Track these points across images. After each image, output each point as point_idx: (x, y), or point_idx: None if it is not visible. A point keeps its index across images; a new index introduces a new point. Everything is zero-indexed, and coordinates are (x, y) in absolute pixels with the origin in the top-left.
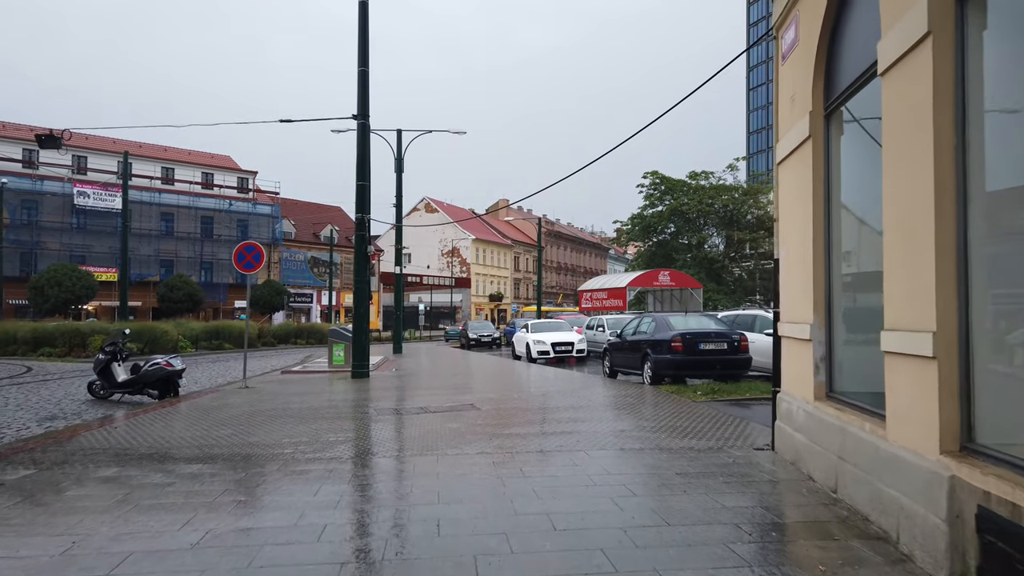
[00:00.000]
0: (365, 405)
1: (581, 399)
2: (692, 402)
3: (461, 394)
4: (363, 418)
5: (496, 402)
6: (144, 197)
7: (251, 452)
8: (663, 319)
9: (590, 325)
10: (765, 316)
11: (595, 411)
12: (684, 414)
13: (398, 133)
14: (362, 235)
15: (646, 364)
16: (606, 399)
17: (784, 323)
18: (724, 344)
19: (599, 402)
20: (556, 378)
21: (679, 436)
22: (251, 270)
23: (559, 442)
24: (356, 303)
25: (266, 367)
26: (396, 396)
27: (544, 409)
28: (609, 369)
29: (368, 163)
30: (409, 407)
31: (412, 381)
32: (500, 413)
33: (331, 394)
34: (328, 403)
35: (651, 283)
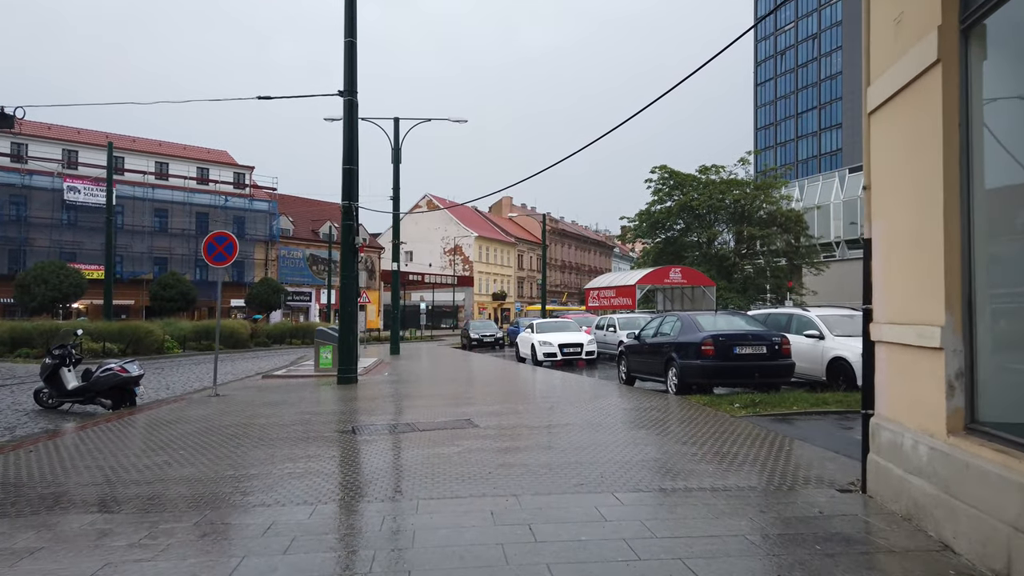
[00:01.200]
0: (343, 420)
1: (597, 413)
2: (731, 417)
3: (458, 405)
4: (335, 440)
5: (498, 417)
6: (137, 192)
7: (173, 494)
8: (690, 319)
9: (600, 325)
10: (802, 315)
11: (617, 430)
12: (726, 434)
13: (395, 122)
14: (349, 224)
15: (670, 370)
16: (627, 413)
17: (883, 324)
18: (763, 348)
19: (619, 417)
20: (565, 385)
21: (731, 467)
22: (222, 262)
23: (578, 477)
24: (343, 301)
25: (250, 370)
26: (382, 408)
27: (555, 427)
28: (625, 375)
29: (356, 145)
30: (395, 423)
31: (404, 388)
32: (503, 433)
33: (308, 405)
34: (300, 417)
35: (662, 280)
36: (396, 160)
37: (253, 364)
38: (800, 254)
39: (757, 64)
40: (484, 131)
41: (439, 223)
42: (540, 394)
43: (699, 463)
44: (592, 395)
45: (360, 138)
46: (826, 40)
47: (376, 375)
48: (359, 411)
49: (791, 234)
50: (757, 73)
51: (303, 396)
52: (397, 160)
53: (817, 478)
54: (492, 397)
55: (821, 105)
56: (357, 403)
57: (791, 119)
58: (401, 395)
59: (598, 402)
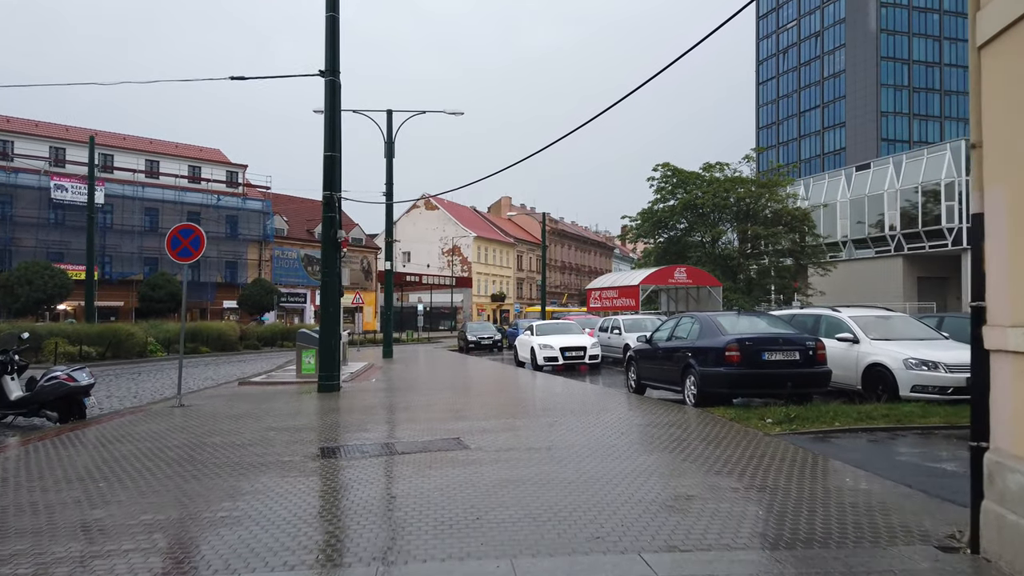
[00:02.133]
0: (311, 440)
1: (607, 430)
2: (764, 436)
3: (447, 420)
4: (293, 468)
5: (492, 435)
6: (126, 191)
7: (48, 556)
8: (710, 320)
9: (603, 327)
10: (832, 316)
11: (633, 454)
12: (765, 459)
13: (388, 114)
14: (331, 217)
15: (688, 379)
16: (641, 431)
17: (1007, 328)
18: (795, 353)
19: (633, 436)
20: (568, 394)
21: (786, 511)
22: (188, 258)
23: (592, 526)
24: (324, 301)
25: (231, 375)
26: (360, 423)
27: (559, 450)
28: (635, 383)
29: (339, 130)
30: (370, 443)
31: (390, 397)
32: (497, 458)
33: (276, 418)
34: (263, 436)
35: (666, 280)
36: (389, 154)
37: (237, 368)
38: (806, 254)
39: (759, 63)
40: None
41: (437, 223)
42: (540, 405)
43: (743, 503)
44: (599, 407)
45: (356, 134)
46: (828, 38)
47: (363, 381)
48: (333, 427)
49: (797, 233)
50: (758, 72)
51: (275, 407)
52: (390, 154)
53: (903, 528)
54: (487, 409)
55: (824, 104)
56: (333, 416)
57: (793, 118)
58: (385, 406)
59: (606, 416)
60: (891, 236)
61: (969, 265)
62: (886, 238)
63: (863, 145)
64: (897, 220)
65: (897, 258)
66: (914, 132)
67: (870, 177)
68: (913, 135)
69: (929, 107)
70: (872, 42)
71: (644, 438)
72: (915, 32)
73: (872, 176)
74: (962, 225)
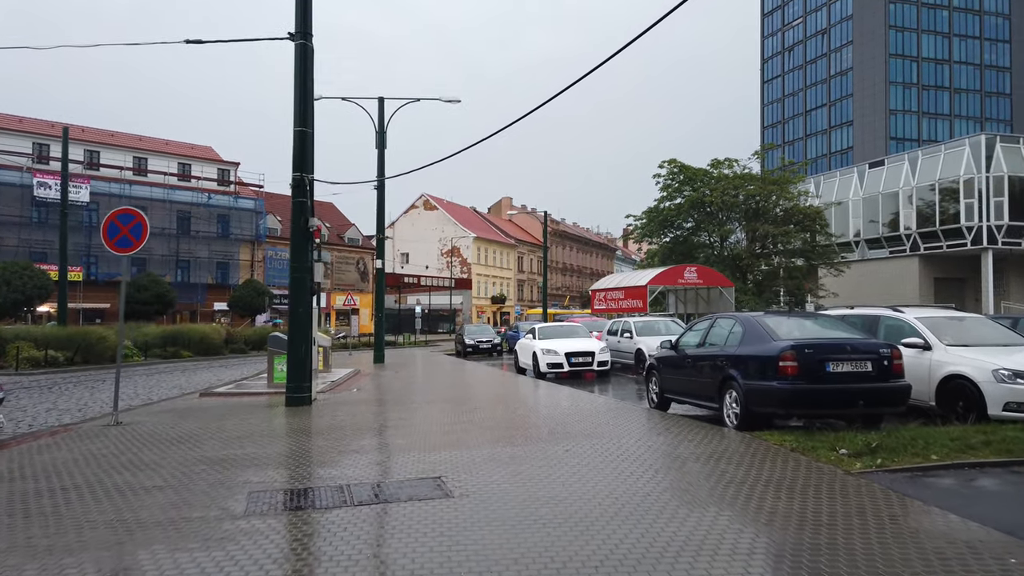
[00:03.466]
0: (243, 480)
1: (637, 466)
2: (845, 475)
3: (430, 447)
4: (197, 535)
5: (486, 472)
6: (113, 188)
7: None
8: (756, 322)
9: (612, 330)
10: (894, 318)
11: (681, 510)
12: (867, 516)
13: (379, 102)
14: (301, 202)
15: (728, 394)
16: (682, 469)
17: None
18: (867, 363)
19: (673, 477)
20: (578, 409)
21: None
22: (128, 249)
23: None
24: (293, 300)
25: (201, 383)
26: (319, 452)
27: (577, 502)
28: (657, 397)
29: (311, 102)
30: (321, 487)
31: (367, 415)
32: (490, 516)
33: (219, 444)
34: (187, 472)
35: (675, 280)
36: (381, 144)
37: (214, 375)
38: (818, 253)
39: (764, 61)
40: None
41: (436, 224)
42: (545, 426)
43: None
44: (617, 429)
45: (351, 130)
46: (835, 35)
47: (342, 392)
48: (281, 459)
49: (808, 232)
50: (763, 70)
51: (226, 427)
52: (382, 144)
53: None
54: (481, 431)
55: (831, 102)
56: (290, 442)
57: (799, 116)
58: (358, 426)
59: (628, 443)
60: (906, 235)
61: (991, 265)
62: (901, 237)
63: (871, 144)
64: (913, 219)
65: (913, 258)
66: (923, 131)
67: (884, 174)
68: (922, 134)
69: (938, 105)
70: (880, 39)
71: (686, 481)
72: (924, 29)
73: (886, 173)
74: (982, 224)
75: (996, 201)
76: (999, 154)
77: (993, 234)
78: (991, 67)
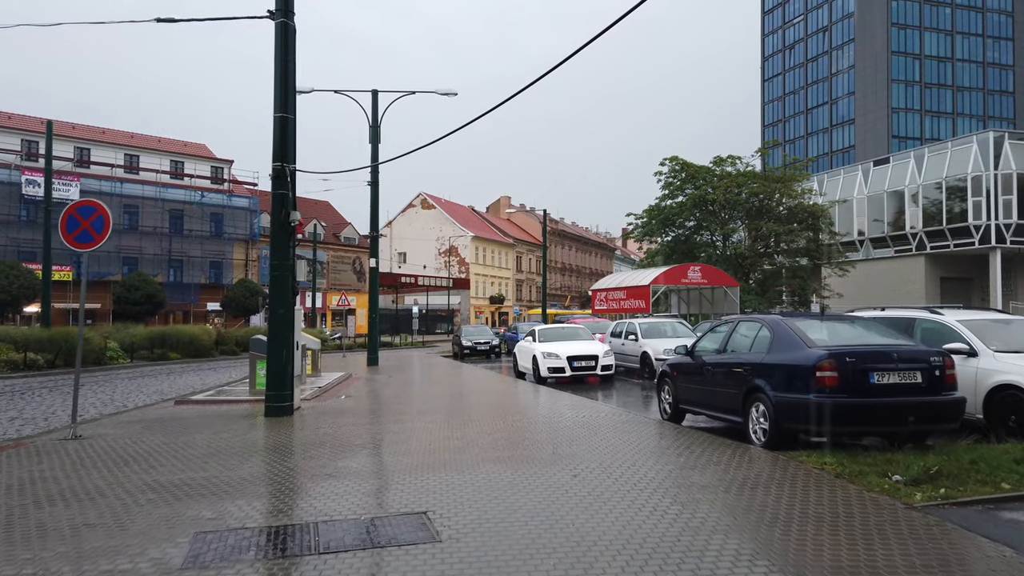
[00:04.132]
0: (197, 513)
1: (656, 496)
2: (905, 509)
3: (417, 469)
4: None
5: (480, 506)
6: (103, 187)
7: None
8: (786, 326)
9: (616, 332)
10: (932, 320)
11: (713, 553)
12: (952, 571)
13: (373, 94)
14: (282, 195)
15: (754, 407)
16: (711, 500)
17: None
18: (916, 374)
19: (702, 512)
20: (584, 422)
21: None
22: (89, 244)
23: None
24: (273, 300)
25: (181, 388)
26: (289, 475)
27: (589, 548)
28: (671, 407)
29: (292, 86)
30: (285, 527)
31: (351, 426)
32: (481, 571)
33: (180, 465)
34: (130, 504)
35: (679, 280)
36: (374, 139)
37: (199, 378)
38: (822, 252)
39: (764, 59)
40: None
41: (434, 223)
42: (549, 443)
43: None
44: (630, 447)
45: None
46: (837, 33)
47: (329, 399)
48: (246, 484)
49: (812, 231)
50: (764, 68)
51: (194, 442)
52: (375, 139)
53: None
54: (475, 449)
55: (832, 101)
56: (260, 461)
57: (800, 115)
58: (338, 442)
59: (646, 466)
60: (912, 234)
61: (999, 264)
62: (907, 236)
63: (873, 143)
64: (919, 217)
65: (919, 257)
66: (926, 129)
67: (889, 172)
68: (924, 132)
69: (941, 103)
70: (882, 36)
71: (721, 519)
72: (926, 26)
73: (891, 171)
74: (990, 222)
75: (1004, 199)
76: (1007, 151)
77: (1001, 233)
78: (994, 65)
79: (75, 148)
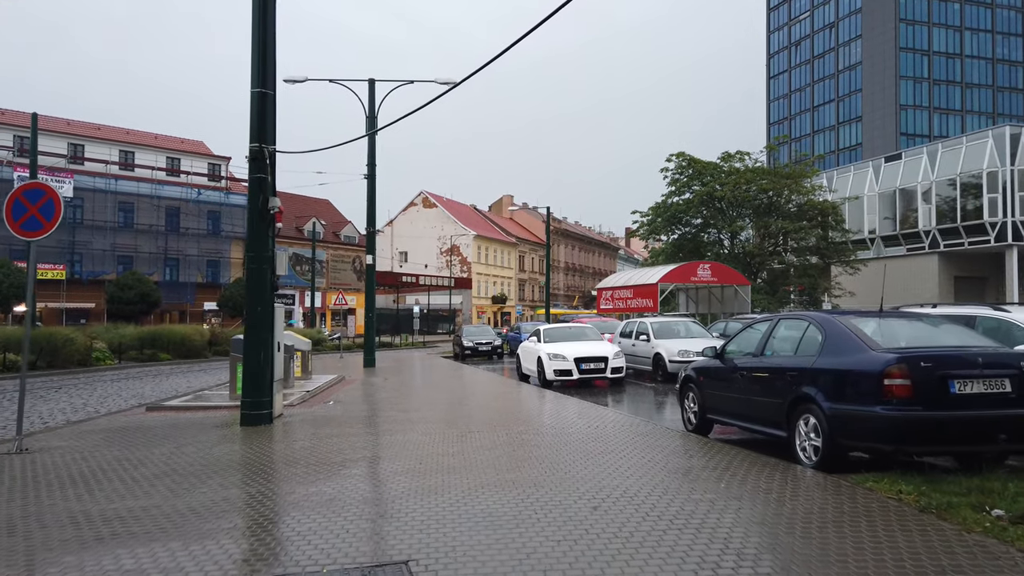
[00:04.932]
0: (125, 562)
1: (700, 539)
2: (1017, 555)
3: (401, 498)
4: None
5: (478, 551)
6: (98, 184)
7: None
8: (841, 325)
9: (626, 332)
10: (997, 319)
11: None
12: None
13: (370, 84)
14: (260, 179)
15: (804, 420)
16: (769, 547)
17: None
18: (1005, 381)
19: (767, 570)
20: (598, 435)
21: None
22: (37, 232)
23: None
24: (250, 297)
25: (164, 391)
26: (256, 502)
27: None
28: (696, 416)
29: (272, 56)
30: None
31: (337, 440)
32: None
33: (124, 491)
34: (40, 545)
35: (688, 278)
36: (371, 129)
37: (184, 382)
38: (833, 250)
39: (770, 56)
40: (483, 134)
41: (435, 221)
42: (560, 461)
43: None
44: (656, 467)
45: (346, 123)
46: (844, 29)
47: (315, 406)
48: (192, 517)
49: (821, 228)
50: (769, 66)
51: (148, 460)
52: (372, 129)
53: None
54: (473, 471)
55: (839, 98)
56: (218, 485)
57: (806, 113)
58: (316, 460)
59: (680, 494)
60: (925, 232)
61: (1015, 262)
62: (919, 234)
63: (881, 140)
64: (932, 214)
65: (932, 256)
66: (934, 126)
67: (901, 169)
68: (933, 130)
69: (950, 100)
70: (890, 33)
71: (791, 574)
72: (935, 22)
73: (903, 167)
74: (1006, 219)
75: (1021, 195)
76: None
77: (1018, 230)
78: (1003, 61)
79: (69, 144)
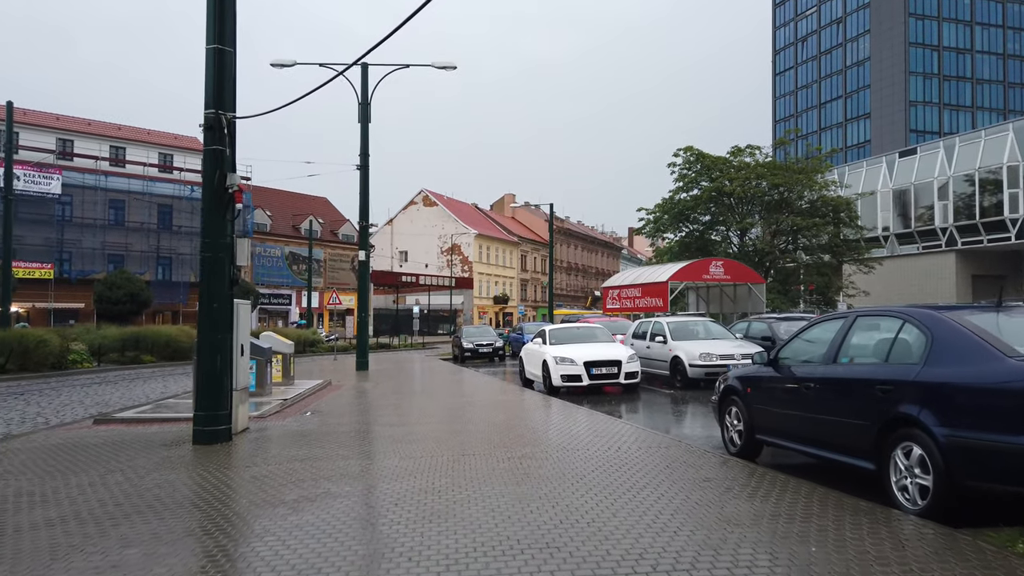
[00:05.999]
0: None
1: None
2: None
3: (379, 558)
4: None
5: None
6: (87, 180)
7: None
8: (955, 325)
9: (639, 333)
10: None
11: None
12: None
13: (363, 68)
14: (217, 151)
15: (902, 450)
16: None
17: None
18: None
19: None
20: (619, 461)
21: None
22: None
23: None
24: (204, 291)
25: (131, 399)
26: (159, 562)
27: None
28: (742, 436)
29: (231, 10)
30: None
31: (301, 461)
32: None
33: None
34: None
35: (700, 276)
36: (364, 117)
37: (162, 385)
38: (847, 247)
39: (776, 52)
40: (486, 135)
41: (436, 220)
42: (578, 503)
43: None
44: (700, 509)
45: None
46: (852, 24)
47: (289, 417)
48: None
49: (834, 225)
50: (776, 62)
51: (52, 493)
52: (365, 118)
53: None
54: (466, 525)
55: (847, 94)
56: (130, 531)
57: (813, 109)
58: (264, 496)
59: (743, 551)
60: (942, 229)
61: None
62: (936, 231)
63: (890, 137)
64: (949, 211)
65: (949, 254)
66: (944, 123)
67: (916, 164)
68: (944, 126)
69: (960, 96)
70: (900, 27)
71: None
72: (945, 17)
73: (918, 163)
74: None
75: None
76: None
77: None
78: (1015, 56)
79: (57, 139)
